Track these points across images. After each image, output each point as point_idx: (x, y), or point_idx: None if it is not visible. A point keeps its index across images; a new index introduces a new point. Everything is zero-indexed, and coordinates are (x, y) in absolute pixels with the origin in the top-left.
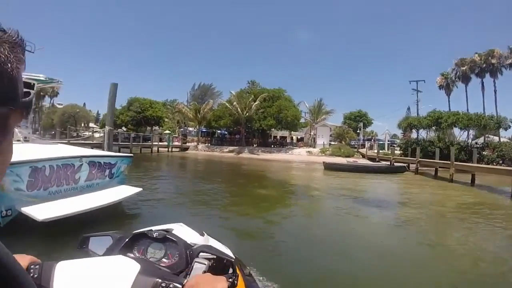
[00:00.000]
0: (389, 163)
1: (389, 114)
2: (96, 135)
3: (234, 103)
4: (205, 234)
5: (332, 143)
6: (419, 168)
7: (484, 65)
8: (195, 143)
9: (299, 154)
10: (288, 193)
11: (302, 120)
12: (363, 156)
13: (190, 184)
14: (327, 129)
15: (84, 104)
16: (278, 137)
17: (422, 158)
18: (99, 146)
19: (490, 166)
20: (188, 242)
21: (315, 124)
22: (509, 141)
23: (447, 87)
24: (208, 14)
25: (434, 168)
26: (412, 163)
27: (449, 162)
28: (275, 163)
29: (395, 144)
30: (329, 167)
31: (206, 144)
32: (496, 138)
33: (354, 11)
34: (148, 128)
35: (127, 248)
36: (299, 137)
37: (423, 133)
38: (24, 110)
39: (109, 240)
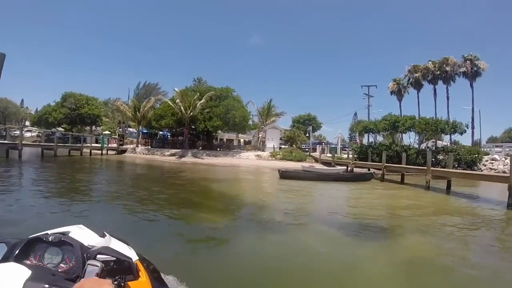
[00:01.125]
0: (345, 168)
1: (337, 119)
2: (28, 134)
3: (177, 100)
4: (107, 235)
5: (283, 146)
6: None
7: (438, 72)
8: (134, 145)
9: (247, 158)
10: (232, 217)
11: (250, 122)
12: (316, 160)
13: (100, 200)
14: (277, 132)
15: (22, 100)
16: (224, 140)
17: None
18: (14, 146)
19: (470, 171)
20: (86, 244)
21: (264, 126)
22: (463, 145)
23: (398, 92)
24: (156, 12)
25: (400, 174)
26: (374, 168)
27: (421, 167)
28: (221, 168)
29: (347, 148)
30: (285, 175)
31: (146, 147)
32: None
33: (305, 13)
34: (87, 128)
35: (22, 255)
36: (246, 140)
37: (377, 138)
38: None
39: (3, 248)
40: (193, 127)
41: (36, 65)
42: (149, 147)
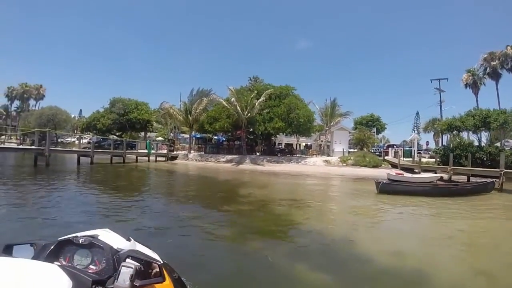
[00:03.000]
0: (438, 175)
1: (399, 120)
2: (85, 141)
3: (233, 99)
4: (132, 239)
5: (351, 150)
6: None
7: None
8: (186, 151)
9: (314, 164)
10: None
11: (314, 123)
12: (394, 165)
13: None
14: (346, 134)
15: (81, 111)
16: (283, 145)
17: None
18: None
19: None
20: (115, 247)
21: (329, 127)
22: None
23: (474, 85)
24: (207, 20)
25: None
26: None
27: None
28: (287, 178)
29: (421, 151)
30: (387, 189)
31: (200, 153)
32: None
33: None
34: (141, 134)
35: (52, 256)
36: (306, 144)
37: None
38: None
39: (34, 248)
40: (251, 130)
41: (90, 73)
42: (203, 153)
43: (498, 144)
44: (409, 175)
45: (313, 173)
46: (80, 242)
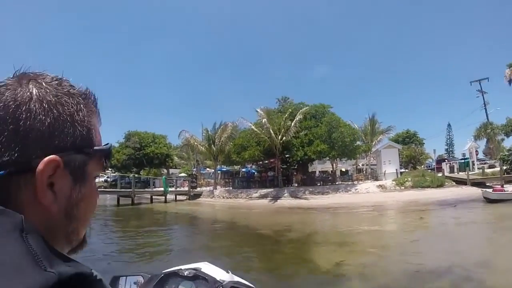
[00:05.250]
0: None
1: (435, 134)
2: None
3: (264, 120)
4: (230, 272)
5: (402, 170)
6: None
7: None
8: (211, 188)
9: (367, 191)
10: None
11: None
12: (461, 182)
13: None
14: (396, 152)
15: None
16: (316, 173)
17: None
18: None
19: None
20: (218, 279)
21: (375, 147)
22: None
23: None
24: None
25: None
26: None
27: None
28: (351, 215)
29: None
30: None
31: (227, 188)
32: None
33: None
34: (164, 170)
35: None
36: (341, 169)
37: None
38: (103, 158)
39: (140, 280)
40: (287, 156)
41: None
42: (230, 188)
43: None
44: (510, 190)
45: (370, 202)
46: (185, 274)
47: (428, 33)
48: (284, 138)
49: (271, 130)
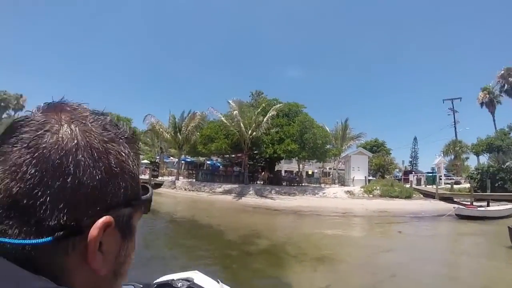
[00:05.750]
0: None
1: (401, 146)
2: None
3: (235, 112)
4: (220, 281)
5: (370, 178)
6: None
7: None
8: (173, 177)
9: (335, 196)
10: None
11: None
12: (429, 195)
13: None
14: (366, 159)
15: None
16: (282, 172)
17: None
18: None
19: None
20: None
21: (344, 152)
22: None
23: (490, 103)
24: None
25: None
26: None
27: None
28: (319, 220)
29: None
30: None
31: (190, 180)
32: None
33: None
34: None
35: None
36: (307, 171)
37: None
38: (144, 206)
39: None
40: (255, 152)
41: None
42: (194, 180)
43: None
44: (482, 208)
45: (343, 209)
46: (179, 286)
47: (403, 50)
48: (254, 133)
49: (241, 124)
